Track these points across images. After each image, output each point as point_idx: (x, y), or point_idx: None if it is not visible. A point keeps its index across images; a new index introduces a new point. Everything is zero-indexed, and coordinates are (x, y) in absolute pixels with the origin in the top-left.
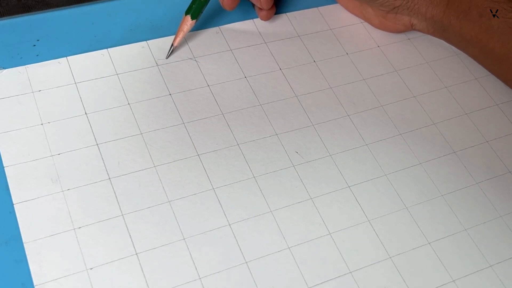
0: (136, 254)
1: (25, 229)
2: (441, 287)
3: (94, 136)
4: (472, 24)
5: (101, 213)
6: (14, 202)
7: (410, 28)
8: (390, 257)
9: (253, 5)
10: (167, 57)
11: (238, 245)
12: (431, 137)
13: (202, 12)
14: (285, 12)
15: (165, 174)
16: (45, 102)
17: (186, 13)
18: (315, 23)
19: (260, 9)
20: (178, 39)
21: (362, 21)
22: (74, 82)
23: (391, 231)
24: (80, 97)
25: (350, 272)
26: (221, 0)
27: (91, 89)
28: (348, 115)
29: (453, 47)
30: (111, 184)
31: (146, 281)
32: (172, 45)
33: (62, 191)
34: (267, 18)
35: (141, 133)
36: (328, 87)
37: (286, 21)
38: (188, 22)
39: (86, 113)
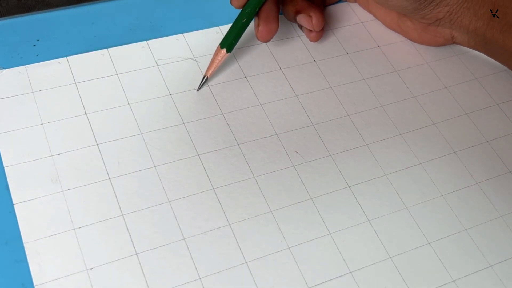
0: (136, 254)
1: (25, 229)
2: (441, 287)
3: (94, 136)
4: None
5: (101, 213)
6: (14, 202)
7: (450, 41)
8: (390, 257)
9: (300, 26)
10: (199, 89)
11: (238, 245)
12: (431, 137)
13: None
14: None
15: (165, 174)
16: (45, 102)
17: (222, 46)
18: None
19: (310, 30)
20: (211, 71)
21: (363, 21)
22: (74, 82)
23: (391, 231)
24: (80, 97)
25: (350, 272)
26: (256, 32)
27: (91, 89)
28: (348, 115)
29: (456, 49)
30: (111, 184)
31: (146, 281)
32: (204, 76)
33: (62, 191)
34: (317, 39)
35: (141, 133)
36: (328, 86)
37: (286, 21)
38: (222, 54)
39: (86, 113)
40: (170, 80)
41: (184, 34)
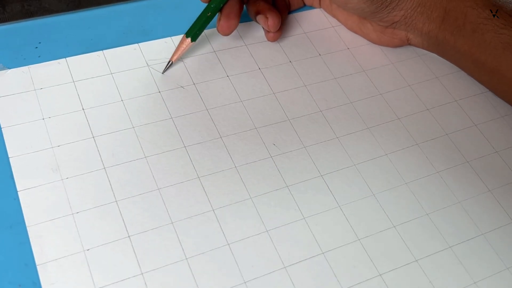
0: (129, 236)
1: (28, 214)
2: (405, 266)
3: (90, 129)
4: (465, 39)
5: (97, 199)
6: (18, 190)
7: (406, 42)
8: (359, 239)
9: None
10: (164, 71)
11: (221, 229)
12: (396, 131)
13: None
14: None
15: (155, 164)
16: (46, 99)
17: (187, 35)
18: (291, 27)
19: (268, 31)
20: (176, 57)
21: (334, 25)
22: (72, 81)
23: (360, 216)
24: (78, 94)
25: (323, 253)
26: (217, 26)
27: (88, 87)
28: (321, 111)
29: (422, 51)
30: (106, 173)
31: (138, 261)
32: (170, 61)
33: (62, 179)
34: (274, 40)
35: (133, 127)
36: (303, 85)
37: None
38: (187, 43)
39: (83, 109)
40: (160, 78)
41: (172, 37)
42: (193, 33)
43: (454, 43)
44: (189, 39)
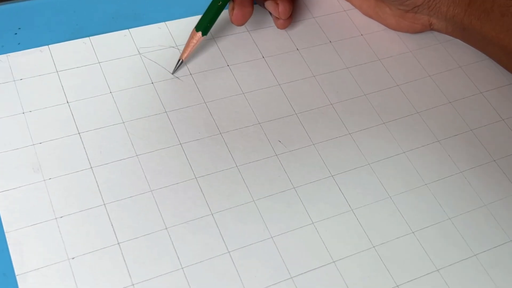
0: (118, 243)
1: (6, 218)
2: (425, 276)
3: (76, 125)
4: (493, 24)
5: (83, 202)
6: None
7: (428, 27)
8: (374, 247)
9: (270, 13)
10: (174, 72)
11: (221, 235)
12: (415, 126)
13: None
14: None
15: (147, 163)
16: (26, 91)
17: (197, 29)
18: (299, 12)
19: (277, 17)
20: (186, 54)
21: (346, 9)
22: (55, 71)
23: (375, 220)
24: (62, 86)
25: (334, 262)
26: (230, 15)
27: (73, 77)
28: (331, 104)
29: (444, 37)
30: (93, 173)
31: (128, 271)
32: (180, 59)
33: (44, 180)
34: (284, 27)
35: (123, 122)
36: (311, 75)
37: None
38: (198, 37)
39: (68, 102)
40: (152, 68)
41: (166, 22)
42: (204, 26)
43: (480, 28)
44: (199, 33)
